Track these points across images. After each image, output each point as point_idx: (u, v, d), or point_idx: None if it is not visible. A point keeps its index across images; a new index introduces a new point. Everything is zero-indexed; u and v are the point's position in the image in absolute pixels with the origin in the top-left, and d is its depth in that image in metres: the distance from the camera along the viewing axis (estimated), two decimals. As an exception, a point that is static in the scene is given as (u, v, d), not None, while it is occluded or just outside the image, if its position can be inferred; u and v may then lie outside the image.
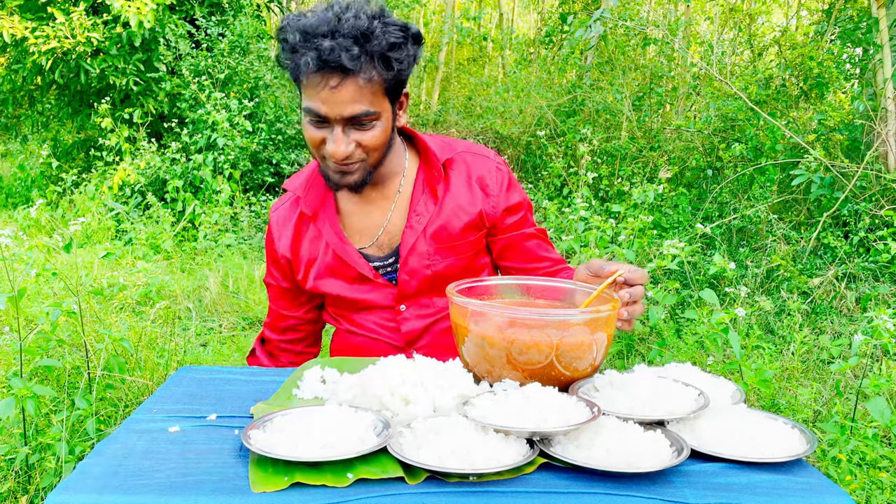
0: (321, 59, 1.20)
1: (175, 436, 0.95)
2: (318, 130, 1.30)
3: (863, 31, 5.05)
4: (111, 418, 2.31)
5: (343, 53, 1.20)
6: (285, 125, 6.74)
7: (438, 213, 1.46)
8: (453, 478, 0.82)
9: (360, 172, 1.35)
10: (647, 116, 6.53)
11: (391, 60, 1.25)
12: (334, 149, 1.28)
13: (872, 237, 4.01)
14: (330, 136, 1.29)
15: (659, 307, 2.47)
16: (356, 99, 1.24)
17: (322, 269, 1.51)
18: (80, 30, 5.72)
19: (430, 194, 1.47)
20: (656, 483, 0.83)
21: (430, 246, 1.46)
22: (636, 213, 4.01)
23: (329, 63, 1.20)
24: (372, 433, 0.89)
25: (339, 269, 1.50)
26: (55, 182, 6.49)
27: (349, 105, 1.24)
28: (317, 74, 1.23)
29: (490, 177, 1.49)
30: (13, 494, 1.94)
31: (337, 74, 1.22)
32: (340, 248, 1.48)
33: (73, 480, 0.80)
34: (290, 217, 1.53)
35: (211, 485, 0.80)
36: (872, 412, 1.86)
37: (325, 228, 1.49)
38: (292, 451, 0.82)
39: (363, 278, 1.49)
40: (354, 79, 1.23)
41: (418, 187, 1.48)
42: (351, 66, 1.20)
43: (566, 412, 0.90)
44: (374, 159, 1.35)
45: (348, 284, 1.51)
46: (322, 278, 1.51)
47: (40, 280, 2.62)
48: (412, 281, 1.48)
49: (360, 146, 1.31)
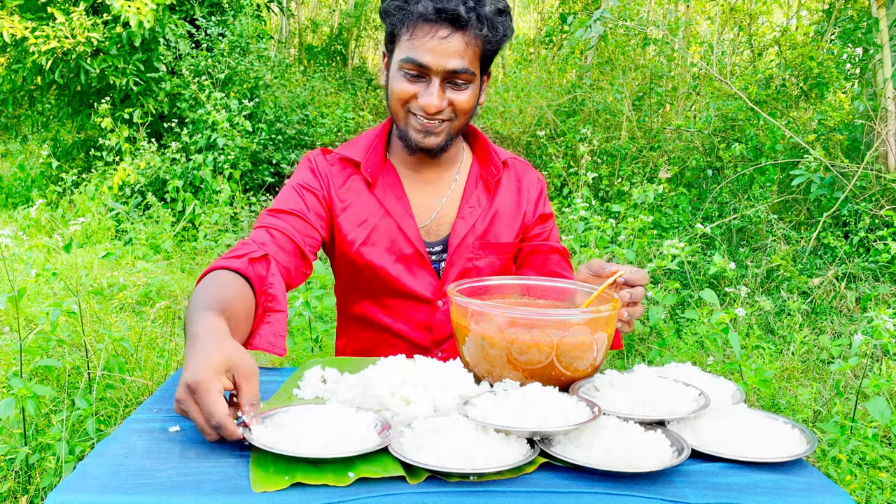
0: (439, 6, 1.24)
1: (175, 435, 0.94)
2: (412, 84, 1.31)
3: (863, 31, 5.05)
4: (111, 418, 2.31)
5: (461, 5, 1.25)
6: (285, 125, 6.74)
7: (489, 209, 1.47)
8: (454, 477, 0.82)
9: (444, 135, 1.35)
10: (647, 116, 6.54)
11: (497, 25, 1.30)
12: (429, 100, 1.29)
13: (872, 237, 4.01)
14: (425, 90, 1.30)
15: (659, 307, 2.47)
16: (461, 54, 1.28)
17: (371, 238, 1.42)
18: (80, 30, 5.73)
19: (484, 189, 1.48)
20: (657, 483, 0.83)
21: (477, 241, 1.46)
22: (636, 213, 4.01)
23: (445, 11, 1.24)
24: (373, 432, 0.88)
25: (389, 241, 1.43)
26: (55, 182, 6.49)
27: (454, 58, 1.27)
28: (427, 24, 1.26)
29: (533, 186, 1.54)
30: (13, 494, 1.94)
31: (448, 26, 1.26)
32: (404, 219, 1.42)
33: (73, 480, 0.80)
34: (338, 174, 1.44)
35: (211, 484, 0.80)
36: (872, 412, 1.86)
37: (388, 197, 1.43)
38: (294, 447, 0.82)
39: (413, 258, 1.43)
40: (464, 33, 1.27)
41: (472, 179, 1.48)
42: (466, 17, 1.25)
43: (566, 412, 0.90)
44: (460, 124, 1.36)
45: (394, 262, 1.43)
46: (367, 246, 1.42)
47: (40, 280, 2.62)
48: (452, 272, 1.45)
49: (452, 105, 1.32)
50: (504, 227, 1.49)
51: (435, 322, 1.46)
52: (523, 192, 1.52)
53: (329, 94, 8.64)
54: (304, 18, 14.35)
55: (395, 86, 1.32)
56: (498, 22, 1.30)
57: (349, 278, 1.48)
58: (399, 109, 1.34)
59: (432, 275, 1.45)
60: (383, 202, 1.43)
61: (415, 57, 1.27)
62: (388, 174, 1.45)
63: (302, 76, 8.37)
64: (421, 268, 1.44)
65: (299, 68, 9.34)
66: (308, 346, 3.08)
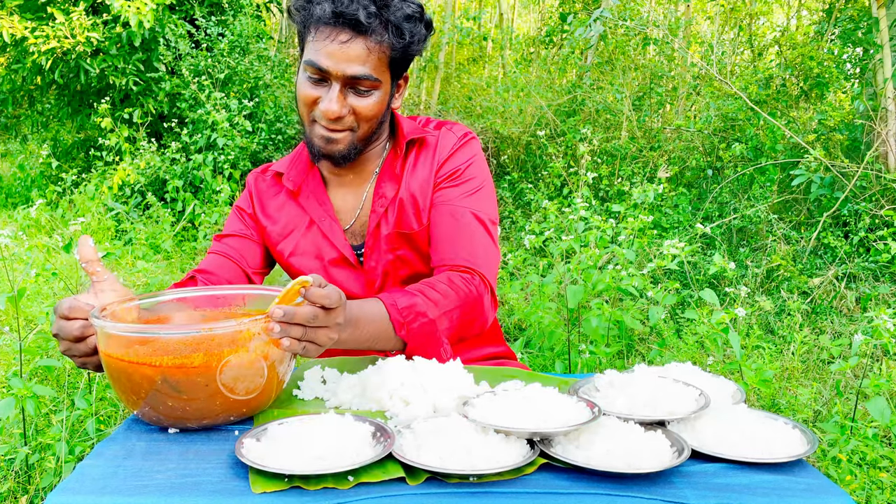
0: (337, 10, 1.20)
1: (175, 436, 0.94)
2: (315, 88, 1.27)
3: (863, 31, 5.04)
4: (111, 418, 2.31)
5: (361, 10, 1.20)
6: (285, 125, 6.74)
7: (396, 194, 1.39)
8: (454, 478, 0.82)
9: (346, 143, 1.31)
10: (647, 116, 6.53)
11: (404, 31, 1.25)
12: (328, 106, 1.25)
13: (872, 237, 4.01)
14: (326, 95, 1.26)
15: (659, 307, 2.47)
16: (362, 59, 1.23)
17: (299, 247, 1.44)
18: (79, 30, 5.72)
19: (391, 176, 1.41)
20: (657, 483, 0.83)
21: (391, 229, 1.40)
22: (636, 213, 4.01)
23: (345, 15, 1.20)
24: (368, 445, 0.87)
25: (317, 248, 1.43)
26: (55, 182, 6.49)
27: (354, 64, 1.23)
28: (327, 27, 1.22)
29: (445, 149, 1.41)
30: (13, 494, 1.94)
31: (348, 30, 1.22)
32: (327, 225, 1.41)
33: (72, 481, 0.80)
34: (269, 189, 1.47)
35: (210, 485, 0.80)
36: (872, 412, 1.86)
37: (311, 203, 1.42)
38: (285, 464, 0.81)
39: (340, 261, 1.42)
40: (365, 38, 1.22)
41: (385, 170, 1.42)
42: (366, 22, 1.20)
43: (566, 412, 0.90)
44: (363, 132, 1.31)
45: (322, 267, 1.44)
46: (297, 256, 1.44)
47: (40, 280, 2.62)
48: (378, 267, 1.41)
49: (354, 112, 1.28)
50: (415, 212, 1.39)
51: None
52: (434, 161, 1.40)
53: (329, 93, 8.63)
54: (304, 18, 14.34)
55: (300, 90, 1.29)
56: (406, 28, 1.25)
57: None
58: (304, 114, 1.31)
59: (364, 272, 1.44)
60: (307, 209, 1.43)
61: (315, 60, 1.24)
62: (312, 181, 1.45)
63: (302, 76, 8.35)
64: (349, 269, 1.43)
65: (299, 68, 9.33)
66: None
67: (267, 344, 0.94)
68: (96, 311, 0.96)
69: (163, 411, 0.93)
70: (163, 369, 0.89)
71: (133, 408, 0.95)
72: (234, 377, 0.92)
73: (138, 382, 0.91)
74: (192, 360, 0.89)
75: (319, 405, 1.05)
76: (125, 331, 0.92)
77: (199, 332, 0.89)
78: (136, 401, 0.93)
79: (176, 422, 0.94)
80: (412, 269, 1.43)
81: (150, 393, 0.91)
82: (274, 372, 0.96)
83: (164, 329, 0.95)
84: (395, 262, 1.42)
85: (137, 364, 0.90)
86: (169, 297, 1.12)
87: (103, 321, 0.93)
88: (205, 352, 0.89)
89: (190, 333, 0.90)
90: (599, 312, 2.61)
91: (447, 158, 1.40)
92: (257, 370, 0.94)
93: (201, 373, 0.90)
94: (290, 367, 1.02)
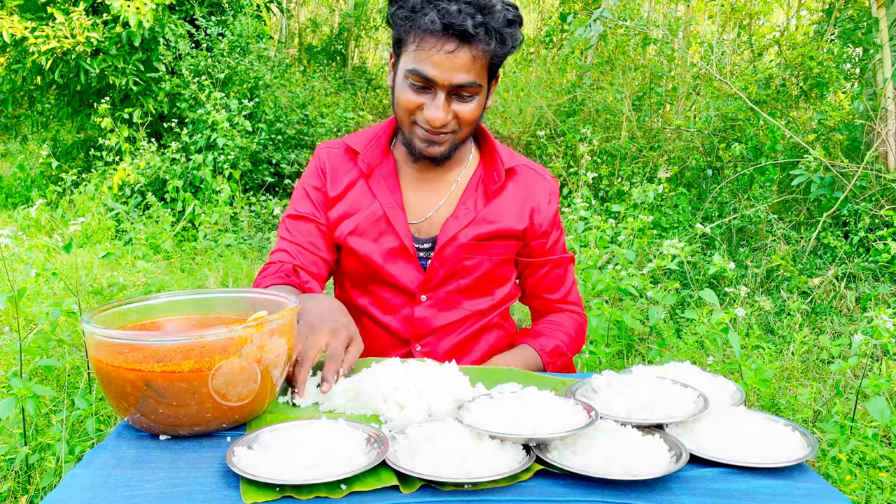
0: (445, 21, 1.22)
1: (166, 444, 0.92)
2: (418, 95, 1.29)
3: (863, 31, 5.04)
4: (111, 418, 2.31)
5: (468, 19, 1.21)
6: (285, 125, 6.74)
7: (485, 213, 1.45)
8: (448, 486, 0.81)
9: (447, 145, 1.35)
10: (647, 116, 6.53)
11: (506, 37, 1.27)
12: (434, 114, 1.28)
13: (872, 237, 4.01)
14: (431, 102, 1.29)
15: (659, 307, 2.47)
16: (468, 68, 1.26)
17: (359, 227, 1.45)
18: (79, 30, 5.72)
19: (483, 194, 1.46)
20: (654, 490, 0.82)
21: (467, 241, 1.44)
22: (636, 213, 4.01)
23: (453, 26, 1.22)
24: (361, 451, 0.86)
25: (378, 233, 1.44)
26: (55, 182, 6.49)
27: (460, 72, 1.26)
28: (433, 36, 1.24)
29: (541, 195, 1.50)
30: (13, 494, 1.94)
31: (455, 40, 1.24)
32: (393, 211, 1.43)
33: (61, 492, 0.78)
34: (341, 163, 1.48)
35: (201, 495, 0.78)
36: (872, 412, 1.86)
37: (381, 187, 1.44)
38: (276, 472, 0.80)
39: (399, 251, 1.44)
40: (471, 47, 1.25)
41: (474, 182, 1.47)
42: (473, 32, 1.22)
43: (563, 417, 0.89)
44: (464, 134, 1.36)
45: (380, 252, 1.44)
46: (355, 236, 1.45)
47: (40, 280, 2.62)
48: (440, 269, 1.44)
49: (457, 117, 1.31)
50: (500, 234, 1.46)
51: (416, 316, 1.47)
52: (528, 202, 1.48)
53: (329, 94, 8.63)
54: (304, 18, 14.34)
55: (401, 95, 1.31)
56: (507, 34, 1.28)
57: (343, 265, 1.52)
58: (404, 118, 1.34)
59: (418, 269, 1.45)
60: (375, 192, 1.44)
61: (421, 70, 1.26)
62: (386, 166, 1.46)
63: (302, 76, 8.35)
64: (407, 261, 1.45)
65: (299, 68, 9.33)
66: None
67: (260, 349, 0.93)
68: (87, 317, 0.96)
69: (154, 418, 0.91)
70: (152, 376, 0.88)
71: (123, 414, 0.94)
72: (226, 383, 0.90)
73: (128, 390, 0.90)
74: (182, 366, 0.88)
75: (313, 410, 1.04)
76: (115, 337, 0.91)
77: (189, 340, 0.88)
78: (126, 407, 0.92)
79: (167, 429, 0.93)
80: (471, 281, 1.47)
81: (139, 400, 0.90)
82: (268, 377, 0.95)
83: (154, 336, 0.94)
84: (460, 270, 1.45)
85: (127, 370, 0.89)
86: (164, 299, 1.11)
87: (93, 327, 0.91)
88: (196, 359, 0.88)
89: (180, 341, 0.88)
90: (599, 312, 2.61)
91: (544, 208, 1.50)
92: (250, 375, 0.93)
93: (192, 380, 0.88)
94: (283, 373, 1.01)
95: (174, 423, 0.92)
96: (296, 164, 6.62)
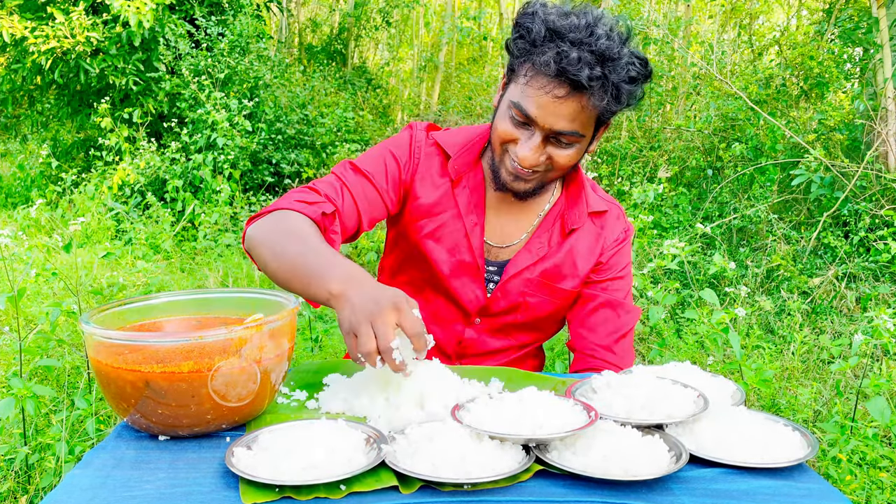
0: (561, 66, 1.14)
1: (165, 444, 0.92)
2: (516, 129, 1.23)
3: (863, 31, 5.04)
4: (111, 418, 2.31)
5: (586, 69, 1.13)
6: (285, 125, 6.74)
7: (558, 252, 1.40)
8: (447, 486, 0.81)
9: (534, 183, 1.29)
10: (647, 116, 6.53)
11: (622, 93, 1.19)
12: (525, 154, 1.22)
13: (872, 237, 4.01)
14: (526, 141, 1.22)
15: (659, 307, 2.47)
16: (573, 117, 1.18)
17: (438, 231, 1.38)
18: (79, 29, 5.72)
19: (560, 230, 1.40)
20: (654, 490, 0.82)
21: (535, 276, 1.39)
22: (636, 212, 4.01)
23: (566, 73, 1.14)
24: (361, 451, 0.86)
25: (455, 242, 1.38)
26: (55, 182, 6.49)
27: (563, 120, 1.18)
28: (546, 77, 1.17)
29: (613, 235, 1.44)
30: (13, 494, 1.94)
31: (567, 86, 1.16)
32: (473, 229, 1.37)
33: (60, 493, 0.78)
34: (431, 156, 1.40)
35: (200, 496, 0.78)
36: (872, 412, 1.85)
37: (465, 200, 1.38)
38: (275, 473, 0.80)
39: (469, 267, 1.39)
40: (581, 97, 1.17)
41: (552, 217, 1.41)
42: (587, 85, 1.14)
43: (562, 417, 0.89)
44: (555, 176, 1.30)
45: (450, 263, 1.39)
46: (432, 239, 1.38)
47: (40, 280, 2.62)
48: (503, 300, 1.40)
49: (550, 159, 1.24)
50: (569, 275, 1.41)
51: (466, 336, 1.44)
52: (600, 241, 1.42)
53: (329, 93, 8.63)
54: (304, 18, 14.33)
55: (500, 123, 1.25)
56: (625, 90, 1.18)
57: (402, 260, 1.46)
58: (497, 146, 1.28)
59: (482, 290, 1.41)
60: (459, 203, 1.38)
61: (524, 106, 1.20)
62: (475, 177, 1.39)
63: (302, 76, 8.35)
64: (473, 279, 1.40)
65: (299, 68, 9.33)
66: (308, 346, 3.08)
67: (260, 349, 0.93)
68: (86, 317, 0.95)
69: (153, 419, 0.91)
70: (152, 377, 0.88)
71: (123, 415, 0.94)
72: (225, 384, 0.90)
73: (127, 390, 0.90)
74: (182, 367, 0.88)
75: (313, 410, 1.04)
76: (115, 338, 0.90)
77: (189, 340, 0.88)
78: (125, 408, 0.92)
79: (167, 429, 0.93)
80: (528, 318, 1.42)
81: (139, 400, 0.90)
82: (267, 378, 0.95)
83: (153, 337, 0.94)
84: (521, 306, 1.40)
85: (126, 371, 0.89)
86: (164, 299, 1.11)
87: (93, 328, 0.91)
88: (195, 359, 0.88)
89: (180, 341, 0.88)
90: (599, 312, 2.60)
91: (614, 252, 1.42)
92: (250, 376, 0.92)
93: (191, 380, 0.88)
94: (282, 373, 1.00)
95: (174, 424, 0.91)
96: (295, 164, 6.61)
